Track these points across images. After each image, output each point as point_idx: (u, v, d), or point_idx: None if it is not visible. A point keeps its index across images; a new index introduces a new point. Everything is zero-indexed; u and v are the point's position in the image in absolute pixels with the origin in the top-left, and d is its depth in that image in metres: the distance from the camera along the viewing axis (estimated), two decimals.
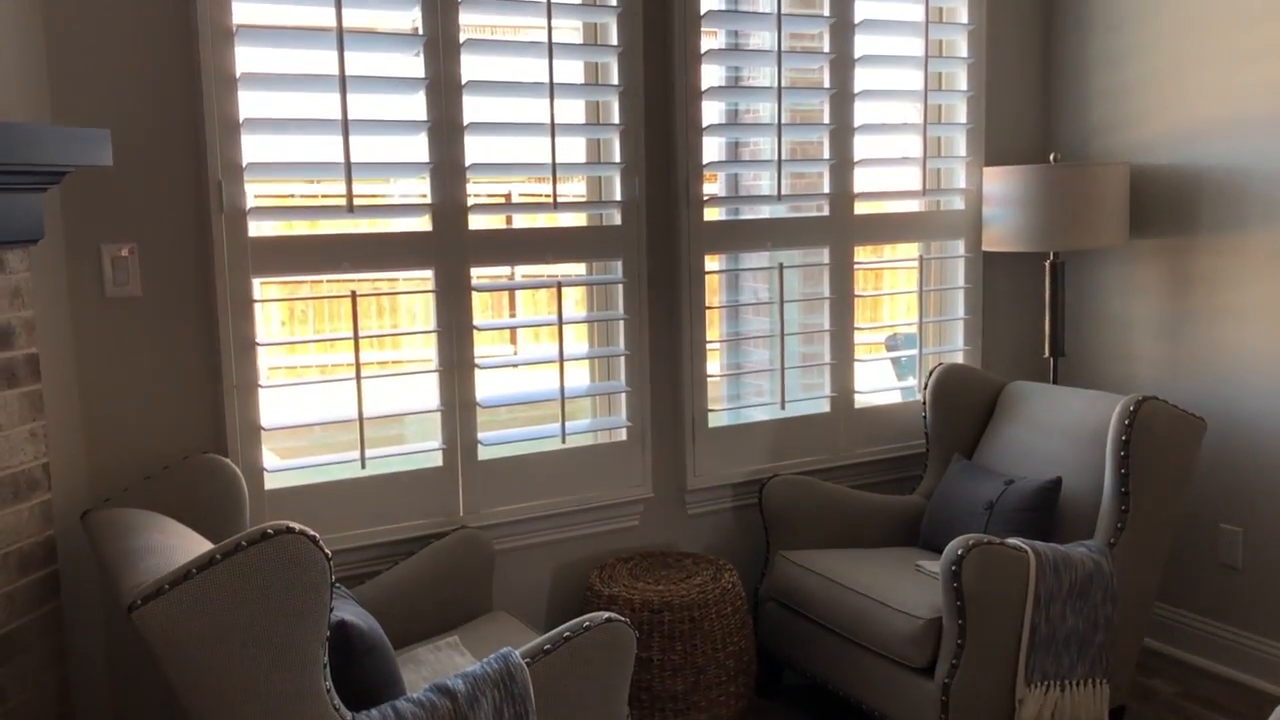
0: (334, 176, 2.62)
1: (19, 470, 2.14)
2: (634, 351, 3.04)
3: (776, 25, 3.08)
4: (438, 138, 2.73)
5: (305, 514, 2.66)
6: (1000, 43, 3.54)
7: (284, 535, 1.74)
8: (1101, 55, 3.48)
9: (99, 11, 2.37)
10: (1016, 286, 3.65)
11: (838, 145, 3.25)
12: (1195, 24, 3.19)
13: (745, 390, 3.48)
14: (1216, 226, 3.19)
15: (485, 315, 2.89)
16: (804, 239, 3.27)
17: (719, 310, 3.36)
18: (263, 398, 2.60)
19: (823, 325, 3.33)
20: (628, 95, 2.95)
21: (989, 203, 3.39)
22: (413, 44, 2.70)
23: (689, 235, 3.08)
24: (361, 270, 2.70)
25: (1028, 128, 3.65)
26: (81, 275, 2.41)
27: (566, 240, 2.96)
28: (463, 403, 2.82)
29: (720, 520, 3.24)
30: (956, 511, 3.00)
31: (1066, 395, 3.10)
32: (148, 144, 2.44)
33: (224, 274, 2.52)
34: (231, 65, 2.48)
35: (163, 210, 2.48)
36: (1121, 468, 2.73)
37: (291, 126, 2.59)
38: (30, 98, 2.28)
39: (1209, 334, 3.24)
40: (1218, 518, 3.25)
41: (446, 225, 2.77)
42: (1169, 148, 3.30)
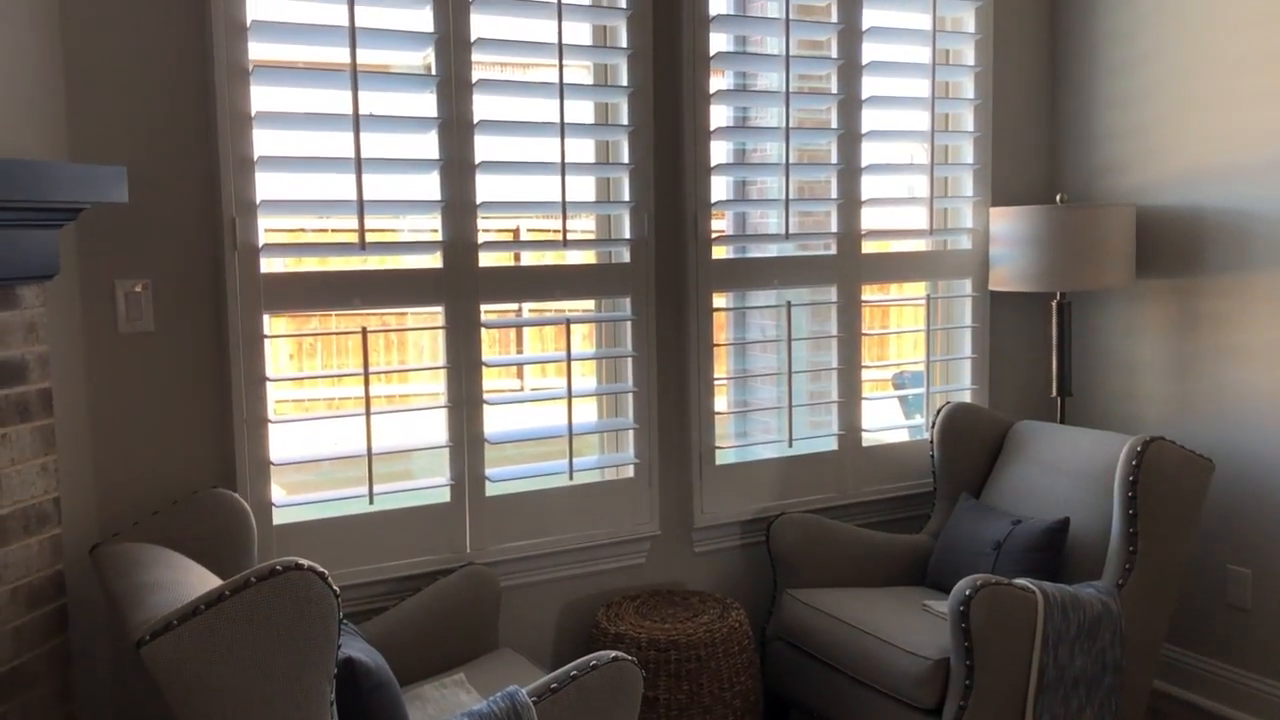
0: (347, 213, 2.64)
1: (30, 504, 2.15)
2: (642, 388, 3.05)
3: (784, 67, 3.11)
4: (449, 176, 2.76)
5: (313, 549, 2.66)
6: (1006, 85, 3.57)
7: (293, 572, 1.74)
8: (1107, 98, 3.51)
9: (118, 50, 2.41)
10: (1023, 326, 3.66)
11: (845, 185, 3.28)
12: (1198, 69, 3.22)
13: (753, 427, 3.48)
14: (1222, 268, 3.21)
15: (493, 350, 2.91)
16: (811, 277, 3.29)
17: (726, 347, 3.37)
18: (272, 432, 2.61)
19: (830, 363, 3.34)
20: (637, 135, 2.98)
21: (996, 242, 3.41)
22: (426, 84, 2.73)
23: (697, 273, 3.10)
24: (372, 306, 2.72)
25: (1034, 169, 3.68)
26: (95, 311, 2.43)
27: (576, 277, 2.98)
28: (471, 438, 2.83)
29: (727, 558, 3.23)
30: (964, 551, 2.99)
31: (1074, 435, 3.10)
32: (163, 181, 2.47)
33: (236, 310, 2.54)
34: (247, 104, 2.51)
35: (176, 246, 2.50)
36: (1129, 508, 2.73)
37: (305, 165, 2.62)
38: (49, 134, 2.31)
39: (1215, 374, 3.24)
40: (1226, 559, 3.24)
41: (457, 262, 2.79)
42: (1174, 190, 3.32)
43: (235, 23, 2.48)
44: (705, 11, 3.02)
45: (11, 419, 2.10)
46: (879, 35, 3.28)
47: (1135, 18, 3.40)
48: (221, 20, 2.46)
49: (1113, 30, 3.47)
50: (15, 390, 2.11)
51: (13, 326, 2.11)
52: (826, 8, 3.26)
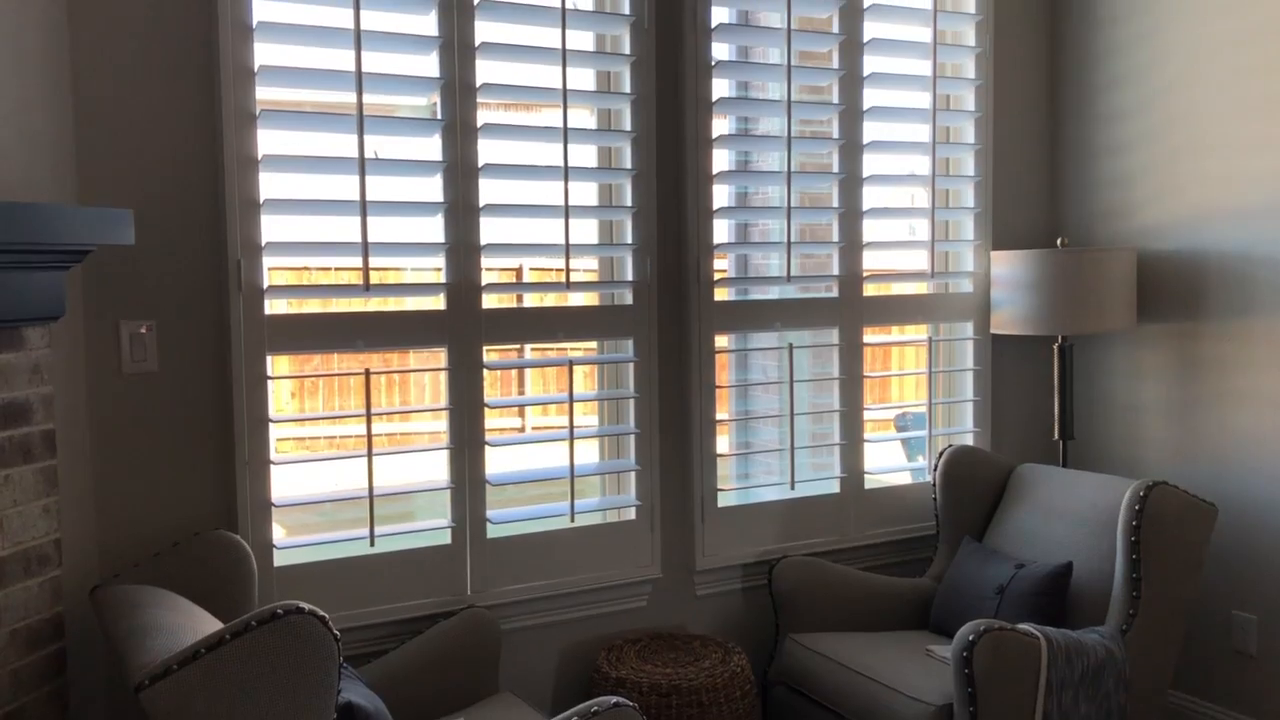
0: (352, 255, 2.66)
1: (31, 546, 2.15)
2: (644, 430, 3.05)
3: (786, 111, 3.14)
4: (453, 218, 2.78)
5: (314, 591, 2.65)
6: (1006, 129, 3.60)
7: (293, 616, 1.74)
8: (1107, 143, 3.54)
9: (127, 94, 2.44)
10: (1025, 369, 3.67)
11: (846, 228, 3.30)
12: (1197, 115, 3.25)
13: (755, 469, 3.48)
14: (1224, 312, 3.22)
15: (495, 390, 2.91)
16: (813, 319, 3.30)
17: (728, 389, 3.37)
18: (274, 473, 2.61)
19: (832, 405, 3.34)
20: (640, 178, 3.00)
21: (997, 286, 3.43)
22: (431, 127, 2.76)
23: (699, 315, 3.11)
24: (375, 347, 2.73)
25: (1035, 212, 3.70)
26: (100, 351, 2.44)
27: (578, 319, 2.99)
28: (472, 480, 2.82)
29: (729, 602, 3.22)
30: (967, 595, 2.98)
31: (1076, 479, 3.10)
32: (169, 223, 2.49)
33: (240, 351, 2.55)
34: (253, 147, 2.54)
35: (181, 287, 2.52)
36: (1132, 553, 2.72)
37: (311, 207, 2.64)
38: (58, 176, 2.34)
39: (1218, 419, 3.24)
40: (1231, 604, 3.22)
41: (460, 304, 2.80)
42: (1175, 234, 3.34)
43: (243, 67, 2.51)
44: (708, 58, 3.06)
45: (15, 460, 2.11)
46: (880, 80, 3.31)
47: (1134, 65, 3.43)
48: (229, 65, 2.49)
49: (1112, 77, 3.51)
50: (19, 431, 2.12)
51: (18, 368, 2.12)
52: (828, 54, 3.29)
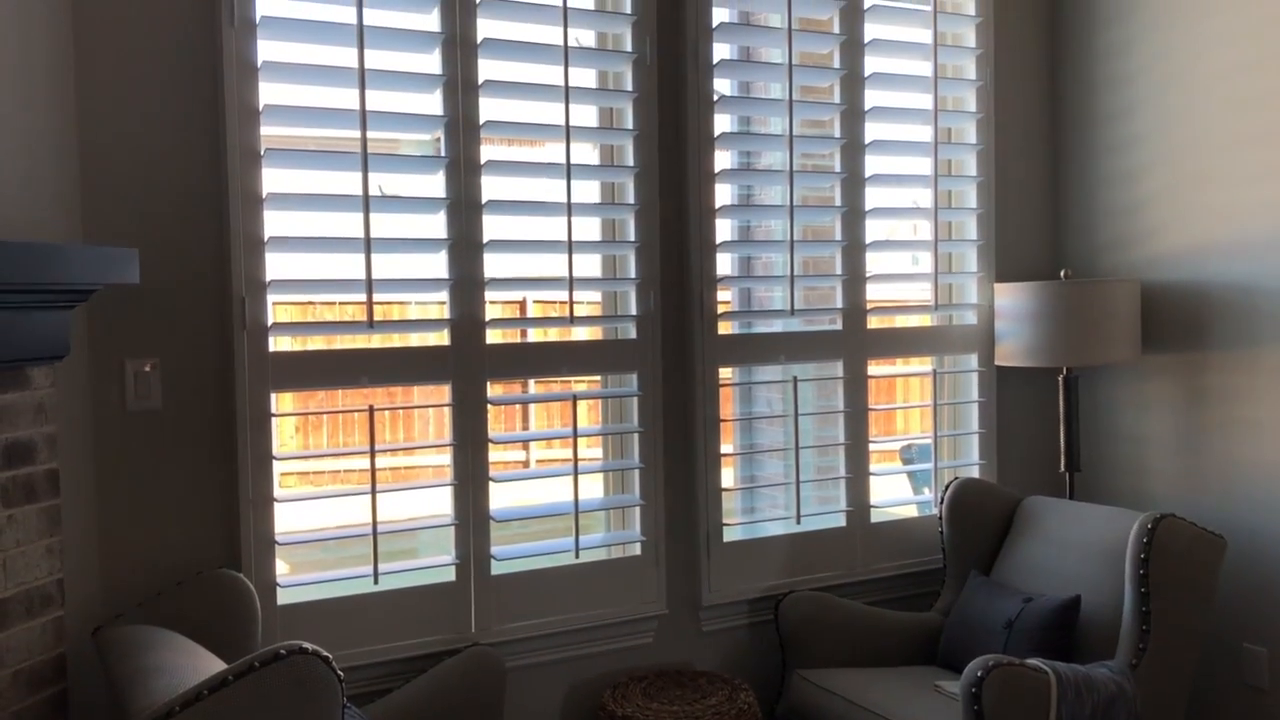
0: (356, 293, 2.66)
1: (33, 586, 2.14)
2: (648, 464, 3.04)
3: (788, 146, 3.16)
4: (457, 255, 2.78)
5: (318, 630, 2.63)
6: (1008, 162, 3.61)
7: (297, 656, 1.73)
8: (1108, 175, 3.55)
9: (132, 133, 2.46)
10: (1030, 401, 3.66)
11: (850, 261, 3.30)
12: (1199, 146, 3.26)
13: (760, 503, 3.46)
14: (1229, 343, 3.21)
15: (499, 423, 2.91)
16: (817, 352, 3.30)
17: (733, 423, 3.37)
18: (277, 509, 2.60)
19: (837, 438, 3.33)
20: (643, 213, 3.01)
21: (1001, 318, 3.42)
22: (435, 164, 2.77)
23: (703, 348, 3.11)
24: (379, 384, 2.73)
25: (1038, 244, 3.70)
26: (104, 390, 2.45)
27: (582, 353, 2.99)
28: (476, 516, 2.81)
29: (735, 637, 3.19)
30: (975, 630, 2.96)
31: (1084, 511, 3.08)
32: (174, 261, 2.50)
33: (244, 388, 2.55)
34: (258, 185, 2.55)
35: (186, 325, 2.52)
36: (1141, 586, 2.70)
37: (315, 245, 2.65)
38: (63, 215, 2.35)
39: (1225, 449, 3.23)
40: (1242, 637, 3.19)
41: (464, 339, 2.80)
42: (1178, 265, 3.34)
43: (248, 106, 2.53)
44: (709, 93, 3.07)
45: (18, 500, 2.10)
46: (881, 115, 3.33)
47: (1135, 97, 3.45)
48: (235, 104, 2.51)
49: (1113, 109, 3.52)
50: (23, 471, 2.11)
51: (22, 407, 2.12)
52: (829, 88, 3.31)
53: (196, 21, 2.51)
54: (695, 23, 3.04)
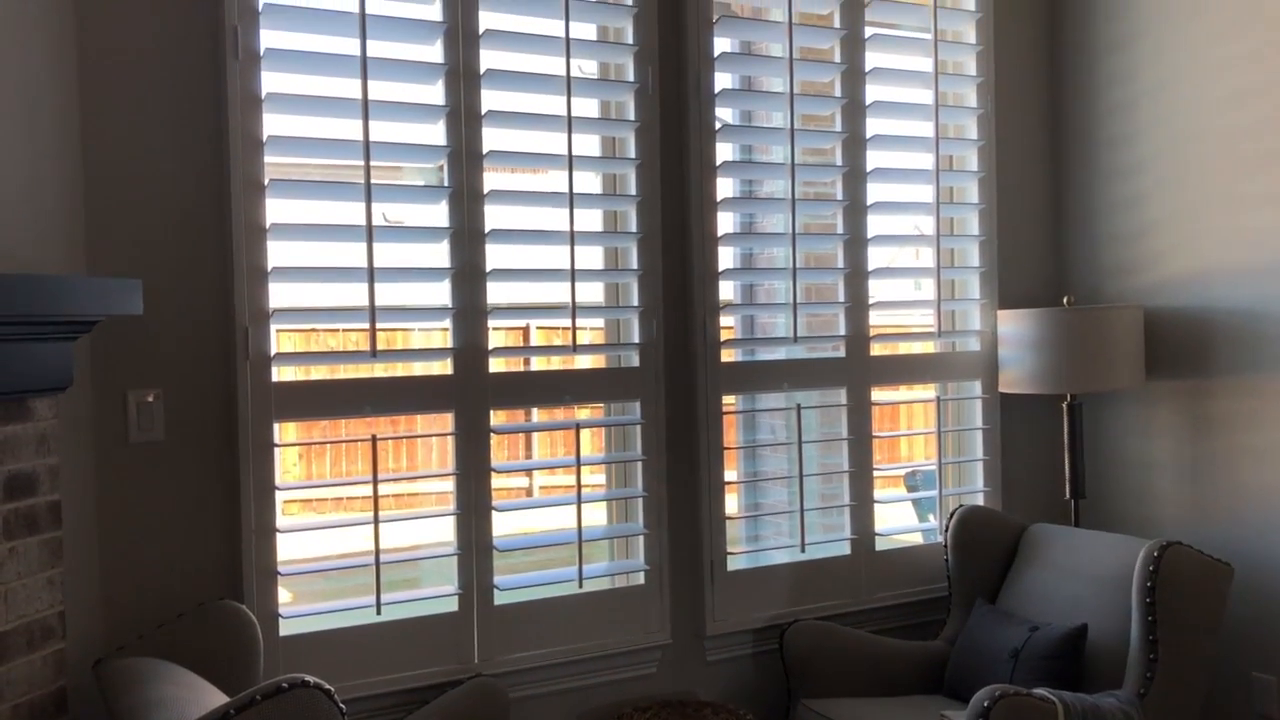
0: (359, 322, 2.67)
1: (34, 619, 2.13)
2: (652, 493, 3.04)
3: (790, 174, 3.16)
4: (461, 283, 2.79)
5: (320, 661, 2.62)
6: (1010, 188, 3.62)
7: (299, 689, 1.72)
8: (1111, 201, 3.55)
9: (137, 165, 2.47)
10: (1035, 427, 3.65)
11: (852, 288, 3.30)
12: (1203, 172, 3.27)
13: (764, 531, 3.45)
14: (1233, 369, 3.20)
15: (501, 451, 2.91)
16: (821, 380, 3.29)
17: (737, 450, 3.36)
18: (279, 539, 2.59)
19: (841, 465, 3.32)
20: (645, 240, 3.01)
21: (1004, 345, 3.42)
22: (439, 194, 2.78)
23: (706, 376, 3.10)
24: (383, 413, 2.73)
25: (1040, 271, 3.70)
26: (107, 420, 2.44)
27: (585, 381, 2.99)
28: (479, 546, 2.80)
29: (740, 667, 3.17)
30: (981, 658, 2.94)
31: (1089, 539, 3.07)
32: (177, 291, 2.51)
33: (247, 419, 2.54)
34: (261, 216, 2.56)
35: (188, 355, 2.52)
36: (1148, 615, 2.68)
37: (319, 274, 2.66)
38: (67, 246, 2.35)
39: (1231, 476, 3.22)
40: (1251, 666, 3.17)
41: (467, 368, 2.80)
42: (1181, 291, 3.34)
43: (252, 138, 2.54)
44: (711, 122, 3.09)
45: (20, 532, 2.09)
46: (882, 143, 3.34)
47: (1137, 123, 3.46)
48: (239, 135, 2.52)
49: (1115, 134, 3.53)
50: (25, 503, 2.11)
51: (25, 439, 2.12)
52: (830, 116, 3.33)
53: (201, 54, 2.52)
54: (697, 52, 3.05)
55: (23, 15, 2.23)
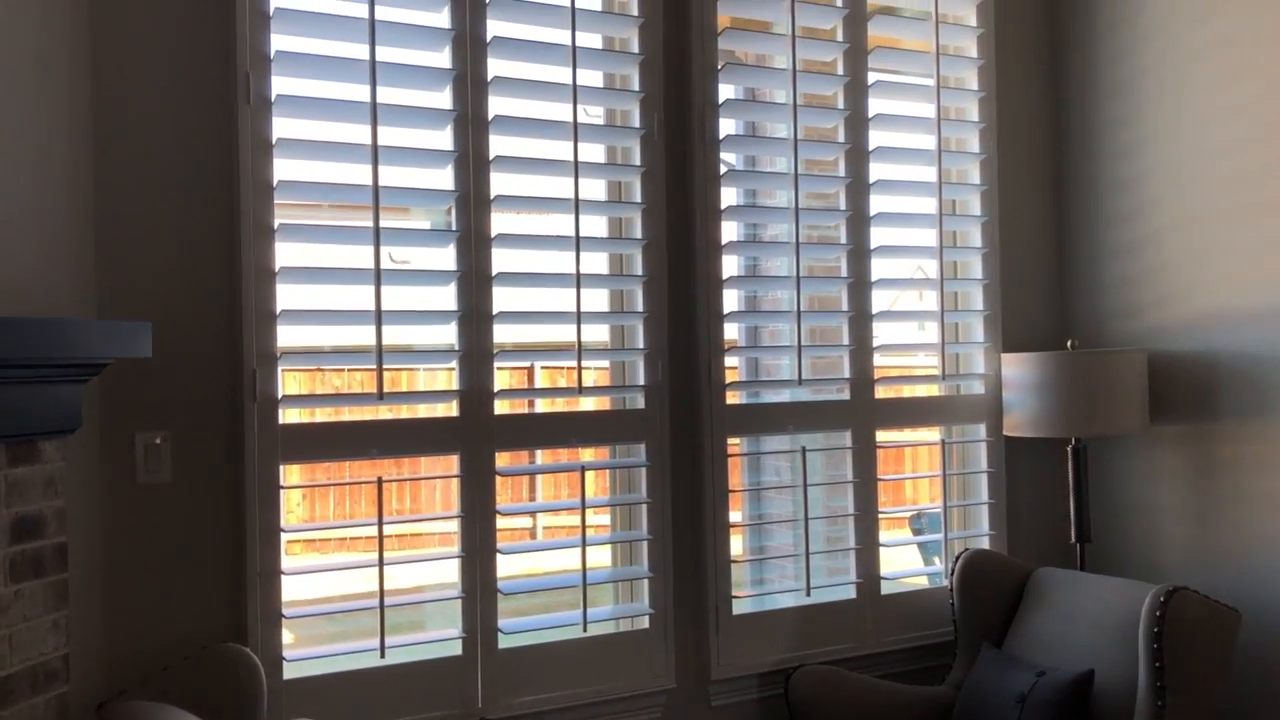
0: (366, 363, 2.68)
1: (38, 662, 2.13)
2: (657, 535, 3.03)
3: (794, 219, 3.19)
4: (467, 325, 2.80)
5: (323, 705, 2.61)
6: (1013, 232, 3.64)
7: None
8: (1115, 245, 3.57)
9: (147, 209, 2.49)
10: (1040, 471, 3.65)
11: (856, 330, 3.32)
12: (1206, 216, 3.29)
13: (769, 574, 3.44)
14: (1238, 413, 3.21)
15: (505, 493, 2.91)
16: (825, 422, 3.30)
17: (741, 493, 3.36)
18: (284, 581, 2.59)
19: (847, 508, 3.32)
20: (651, 284, 3.03)
21: (1009, 388, 3.43)
22: (446, 238, 2.80)
23: (711, 418, 3.11)
24: (388, 455, 2.73)
25: (1044, 314, 3.72)
26: (114, 462, 2.45)
27: (590, 423, 3.00)
28: (484, 589, 2.80)
29: (745, 713, 3.15)
30: (988, 705, 2.92)
31: (1096, 583, 3.06)
32: (185, 333, 2.52)
33: (253, 461, 2.55)
34: (271, 260, 2.58)
35: (196, 398, 2.53)
36: (1155, 660, 2.67)
37: (327, 317, 2.68)
38: (78, 289, 2.37)
39: (1238, 521, 3.21)
40: (1259, 713, 3.14)
41: (472, 410, 2.81)
42: (1186, 335, 3.35)
43: (263, 182, 2.57)
44: (716, 168, 3.11)
45: (26, 575, 2.10)
46: (886, 187, 3.37)
47: (1140, 168, 3.48)
48: (249, 180, 2.55)
49: (1118, 179, 3.56)
50: (31, 545, 2.11)
51: (33, 481, 2.12)
52: (834, 161, 3.35)
53: (213, 100, 2.55)
54: (702, 99, 3.09)
55: (38, 60, 2.26)
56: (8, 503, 2.05)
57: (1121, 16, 3.53)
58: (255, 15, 2.56)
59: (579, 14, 2.91)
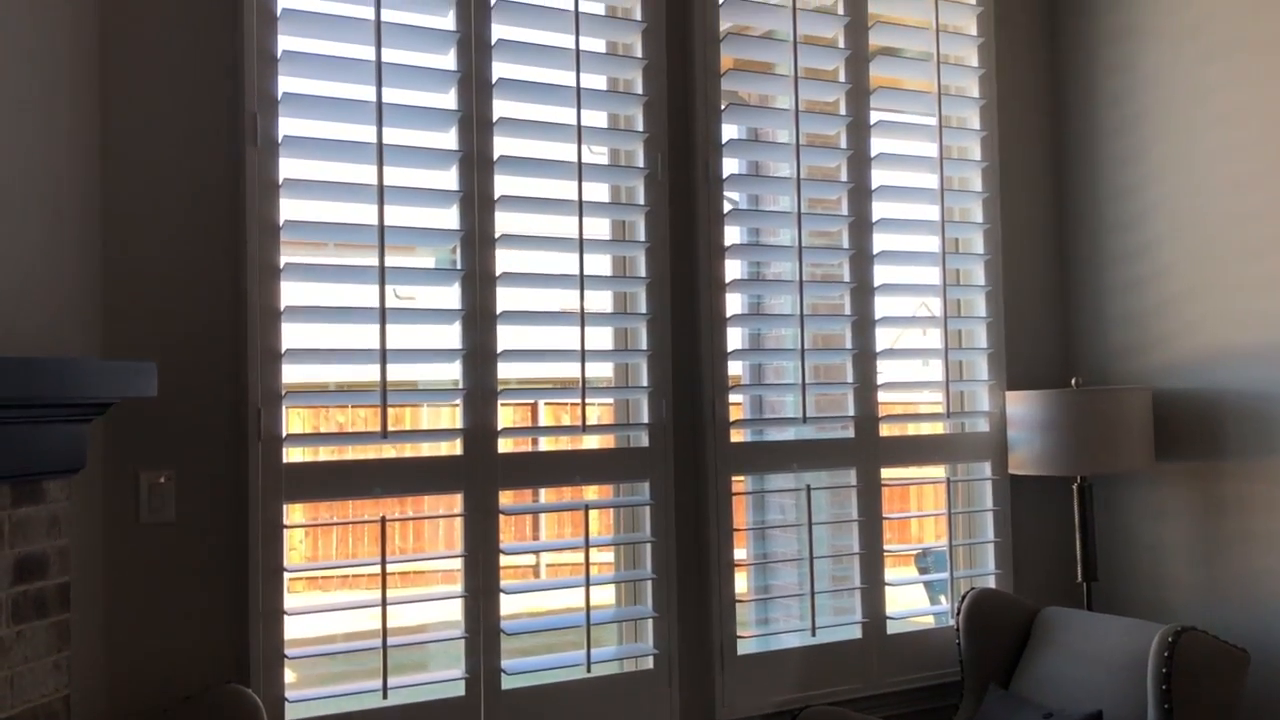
0: (370, 401, 2.68)
1: (39, 704, 2.11)
2: (661, 574, 3.02)
3: (797, 257, 3.20)
4: (471, 364, 2.80)
5: None
6: (1016, 270, 3.65)
7: None
8: (1118, 282, 3.58)
9: (155, 248, 2.51)
10: (1046, 509, 3.63)
11: (861, 368, 3.32)
12: (1208, 254, 3.29)
13: (775, 613, 3.42)
14: (1244, 452, 3.20)
15: (509, 531, 2.91)
16: (830, 460, 3.29)
17: (746, 531, 3.34)
18: (287, 621, 2.58)
19: (852, 547, 3.30)
20: (655, 322, 3.04)
21: (1013, 426, 3.42)
22: (450, 277, 2.81)
23: (715, 456, 3.10)
24: (392, 494, 2.73)
25: (1048, 351, 3.72)
26: (118, 501, 2.45)
27: (594, 462, 2.99)
28: (487, 629, 2.78)
29: None
30: None
31: (1103, 623, 3.04)
32: (190, 372, 2.53)
33: (257, 500, 2.55)
34: (276, 300, 2.59)
35: (200, 436, 2.54)
36: (1164, 702, 2.65)
37: (332, 356, 2.68)
38: (83, 328, 2.38)
39: (1245, 560, 3.19)
40: None
41: (476, 448, 2.81)
42: (1190, 372, 3.35)
43: (269, 223, 2.58)
44: (720, 206, 3.13)
45: (28, 615, 2.09)
46: (889, 225, 3.38)
47: (1142, 205, 3.50)
48: (255, 221, 2.57)
49: (1120, 217, 3.57)
50: (34, 586, 2.11)
51: (37, 521, 2.12)
52: (837, 200, 3.37)
53: (221, 141, 2.58)
54: (705, 139, 3.11)
55: (48, 101, 2.29)
56: (11, 543, 2.05)
57: (1122, 58, 3.56)
58: (263, 57, 2.59)
59: (584, 56, 2.94)
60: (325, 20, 2.68)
